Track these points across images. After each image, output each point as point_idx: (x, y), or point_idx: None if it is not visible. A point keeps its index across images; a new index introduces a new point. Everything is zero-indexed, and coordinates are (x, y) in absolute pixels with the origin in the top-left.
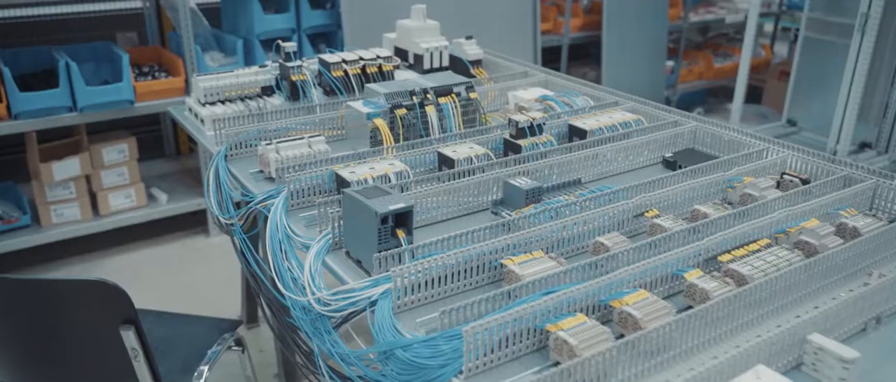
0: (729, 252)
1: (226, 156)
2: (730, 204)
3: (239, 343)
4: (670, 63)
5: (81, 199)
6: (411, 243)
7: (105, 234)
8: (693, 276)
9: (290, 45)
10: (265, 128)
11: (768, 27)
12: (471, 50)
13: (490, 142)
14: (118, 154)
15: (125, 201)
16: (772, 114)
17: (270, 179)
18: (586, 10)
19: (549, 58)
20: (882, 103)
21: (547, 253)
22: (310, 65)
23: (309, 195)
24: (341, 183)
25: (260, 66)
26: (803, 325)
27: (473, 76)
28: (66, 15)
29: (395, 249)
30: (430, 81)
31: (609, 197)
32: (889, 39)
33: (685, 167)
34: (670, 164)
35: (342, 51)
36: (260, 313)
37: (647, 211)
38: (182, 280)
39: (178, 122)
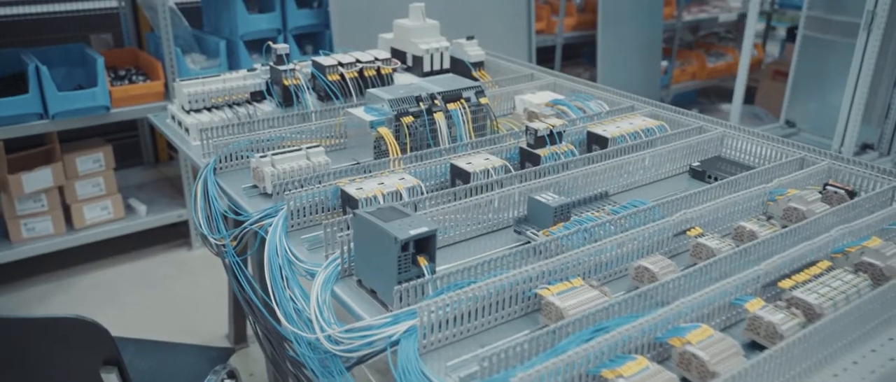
0: (789, 276)
1: (214, 169)
2: (769, 217)
3: (232, 375)
4: (664, 63)
5: (54, 212)
6: (434, 272)
7: (80, 249)
8: (755, 307)
9: (283, 47)
10: (257, 137)
11: (758, 26)
12: (472, 51)
13: (504, 152)
14: (93, 163)
15: (101, 213)
16: (766, 115)
17: (266, 195)
18: (580, 9)
19: (542, 58)
20: (885, 104)
21: (585, 279)
22: (302, 68)
23: (310, 213)
24: (348, 201)
25: (248, 70)
26: None
27: (476, 79)
28: (36, 15)
29: (418, 280)
30: (436, 86)
31: (645, 213)
32: (894, 38)
33: (718, 178)
34: (699, 174)
35: (331, 52)
36: (249, 331)
37: (690, 230)
38: (164, 296)
39: (161, 132)
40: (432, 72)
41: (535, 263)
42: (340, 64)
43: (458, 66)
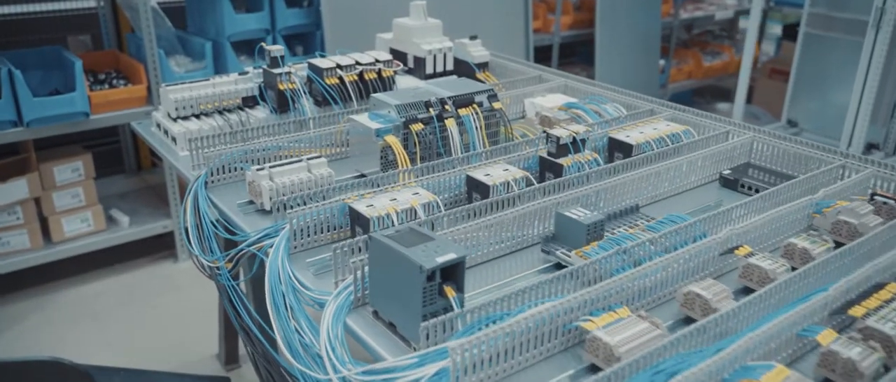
0: (858, 302)
1: (205, 182)
2: (814, 230)
3: None
4: (661, 62)
5: (30, 226)
6: (463, 304)
7: (59, 264)
8: (828, 340)
9: (277, 49)
10: (251, 147)
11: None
12: (476, 51)
13: (521, 161)
14: (72, 172)
15: (81, 226)
16: (764, 115)
17: (263, 212)
18: (576, 7)
19: (537, 58)
20: (890, 103)
21: (631, 307)
22: (297, 71)
23: (315, 233)
24: (357, 219)
25: (240, 74)
26: None
27: (481, 81)
28: (9, 16)
29: (446, 315)
30: (446, 89)
31: (686, 230)
32: None
33: (752, 187)
34: (730, 183)
35: (324, 54)
36: (242, 351)
37: (739, 248)
38: (149, 313)
39: (145, 141)
40: (435, 75)
41: (578, 291)
42: (339, 66)
43: (462, 68)
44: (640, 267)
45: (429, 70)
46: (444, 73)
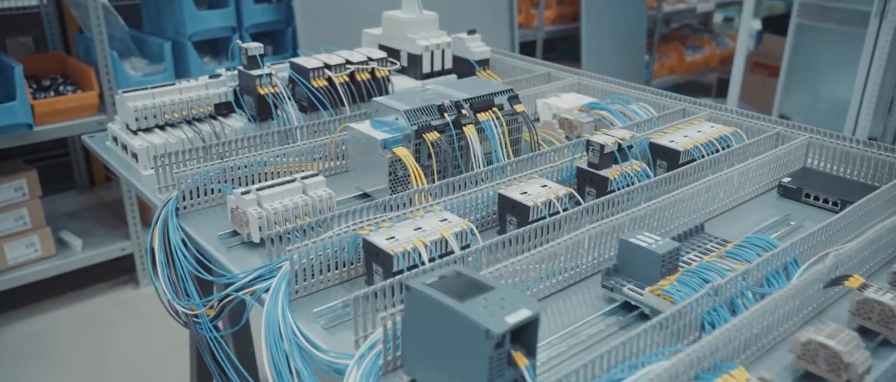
0: None
1: (176, 208)
2: None
3: None
4: (645, 57)
5: None
6: (536, 374)
7: (3, 296)
8: None
9: (255, 46)
10: (231, 164)
11: (720, 18)
12: (476, 47)
13: (554, 174)
14: (14, 192)
15: (27, 252)
16: (750, 109)
17: (251, 245)
18: (558, 0)
19: (521, 54)
20: (890, 96)
21: (746, 366)
22: (278, 72)
23: (320, 272)
24: (376, 256)
25: (210, 77)
26: None
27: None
28: None
29: None
30: (458, 91)
31: (778, 257)
32: None
33: (820, 197)
34: (792, 192)
35: (303, 52)
36: None
37: (849, 279)
38: (108, 348)
39: (100, 158)
40: (433, 74)
41: (684, 350)
42: (327, 66)
43: (461, 66)
44: (748, 313)
45: (425, 69)
46: (443, 72)
